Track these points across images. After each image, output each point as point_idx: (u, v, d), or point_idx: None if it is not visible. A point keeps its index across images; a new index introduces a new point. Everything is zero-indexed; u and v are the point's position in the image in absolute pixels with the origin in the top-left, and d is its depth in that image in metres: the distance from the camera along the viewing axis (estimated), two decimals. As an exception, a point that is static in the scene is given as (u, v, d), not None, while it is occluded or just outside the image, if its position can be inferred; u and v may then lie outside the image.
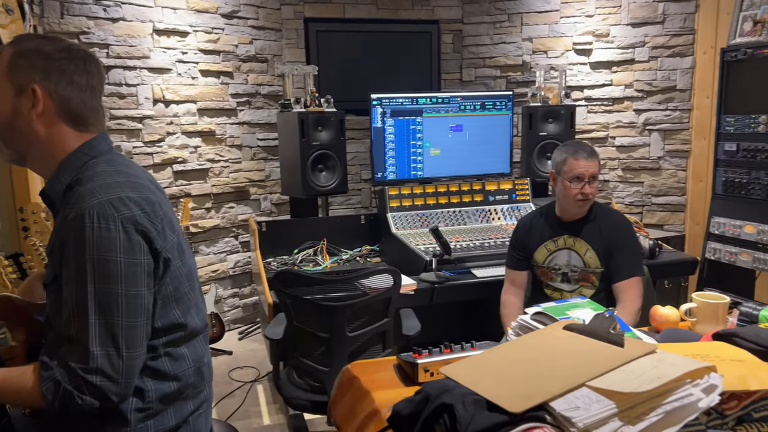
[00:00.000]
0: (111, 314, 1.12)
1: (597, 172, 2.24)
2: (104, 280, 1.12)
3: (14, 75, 1.20)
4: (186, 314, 1.27)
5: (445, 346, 1.31)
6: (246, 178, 4.17)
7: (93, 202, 1.13)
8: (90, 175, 1.20)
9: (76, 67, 1.24)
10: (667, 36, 4.15)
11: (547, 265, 2.36)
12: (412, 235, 3.12)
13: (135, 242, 1.15)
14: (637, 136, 4.30)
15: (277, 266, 3.23)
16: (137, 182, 1.23)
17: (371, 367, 1.36)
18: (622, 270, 2.21)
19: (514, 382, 0.95)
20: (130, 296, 1.14)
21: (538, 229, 2.39)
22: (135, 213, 1.17)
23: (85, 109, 1.26)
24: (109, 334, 1.11)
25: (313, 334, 2.12)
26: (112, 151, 1.30)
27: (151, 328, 1.20)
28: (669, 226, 4.30)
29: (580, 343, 1.06)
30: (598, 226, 2.28)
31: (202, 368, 1.33)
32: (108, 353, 1.11)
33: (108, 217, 1.13)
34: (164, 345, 1.24)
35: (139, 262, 1.16)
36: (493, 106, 3.61)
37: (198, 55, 3.84)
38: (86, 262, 1.11)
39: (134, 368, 1.16)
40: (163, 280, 1.22)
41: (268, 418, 2.96)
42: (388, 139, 3.49)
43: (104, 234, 1.12)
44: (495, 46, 4.54)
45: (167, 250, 1.22)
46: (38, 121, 1.21)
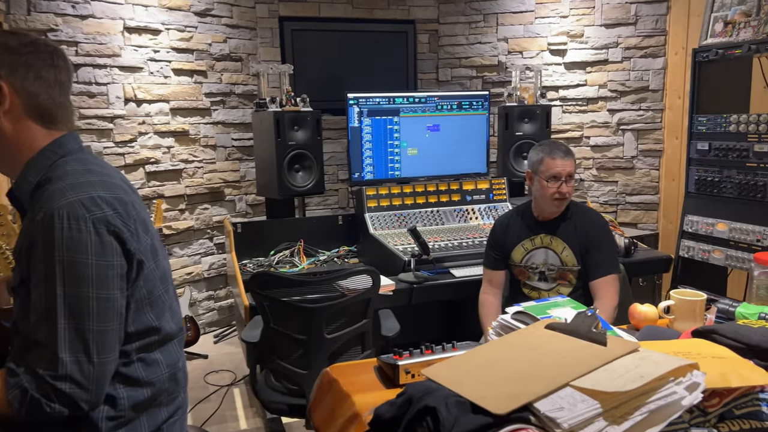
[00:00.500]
0: (81, 318, 1.08)
1: (573, 171, 2.26)
2: (74, 282, 1.08)
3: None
4: (160, 318, 1.23)
5: (426, 347, 1.30)
6: (221, 179, 4.10)
7: (63, 202, 1.09)
8: (60, 174, 1.15)
9: (44, 62, 1.19)
10: (639, 37, 4.21)
11: (524, 264, 2.35)
12: (390, 236, 3.10)
13: (107, 243, 1.11)
14: (611, 136, 4.35)
15: (253, 268, 3.18)
16: (109, 181, 1.19)
17: (351, 369, 1.33)
18: (599, 268, 2.22)
19: (497, 383, 0.93)
20: (102, 299, 1.10)
21: (515, 228, 2.39)
22: (107, 213, 1.13)
23: (53, 105, 1.21)
24: (80, 339, 1.07)
25: (290, 337, 2.09)
26: (82, 149, 1.26)
27: (123, 332, 1.16)
28: (643, 224, 4.36)
29: (563, 343, 1.05)
30: (574, 225, 2.28)
31: (177, 374, 1.29)
32: (78, 359, 1.07)
33: (79, 217, 1.09)
34: (137, 350, 1.20)
35: (111, 265, 1.12)
36: (469, 105, 3.61)
37: (171, 54, 3.77)
38: (56, 264, 1.07)
39: (105, 375, 1.11)
40: (137, 283, 1.18)
41: (245, 422, 2.91)
42: (365, 138, 3.47)
43: (75, 235, 1.08)
44: (471, 46, 4.55)
45: (140, 252, 1.18)
46: (4, 119, 1.16)
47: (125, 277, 1.15)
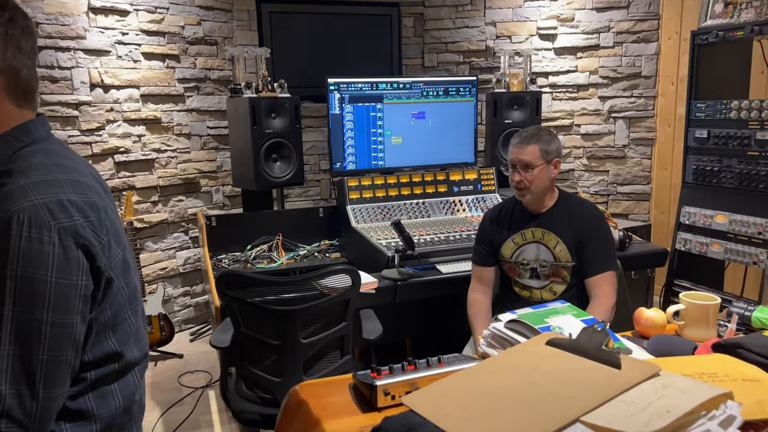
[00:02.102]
0: (29, 345, 0.90)
1: (530, 161, 2.04)
2: (27, 302, 0.89)
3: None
4: (123, 344, 1.05)
5: (408, 362, 1.13)
6: (196, 169, 3.90)
7: (24, 205, 0.90)
8: (22, 168, 0.95)
9: (22, 30, 0.99)
10: (631, 21, 4.06)
11: (515, 260, 2.18)
12: (373, 229, 2.94)
13: (72, 259, 0.92)
14: (602, 124, 4.21)
15: (228, 263, 3.00)
16: (81, 180, 1.00)
17: (323, 388, 1.17)
18: (595, 264, 2.06)
19: (492, 417, 0.78)
20: (57, 325, 0.92)
21: (505, 221, 2.23)
22: (76, 222, 0.94)
23: (31, 79, 1.02)
24: (24, 370, 0.89)
25: (262, 342, 1.92)
26: (50, 137, 1.05)
27: (78, 362, 0.98)
28: (634, 215, 4.24)
29: (569, 364, 0.89)
30: (568, 218, 2.11)
31: (132, 407, 1.10)
32: (19, 393, 0.89)
33: (42, 225, 0.90)
34: (91, 381, 1.01)
35: (73, 284, 0.93)
36: (456, 92, 3.44)
37: (140, 37, 3.55)
38: (6, 279, 0.88)
39: (51, 411, 0.93)
40: (102, 305, 1.00)
41: (219, 427, 2.75)
42: (346, 126, 3.29)
43: (35, 246, 0.89)
44: (458, 31, 4.37)
45: (110, 269, 1.00)
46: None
47: (88, 300, 0.97)
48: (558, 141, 2.13)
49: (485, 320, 2.20)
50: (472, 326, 2.23)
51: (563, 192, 2.20)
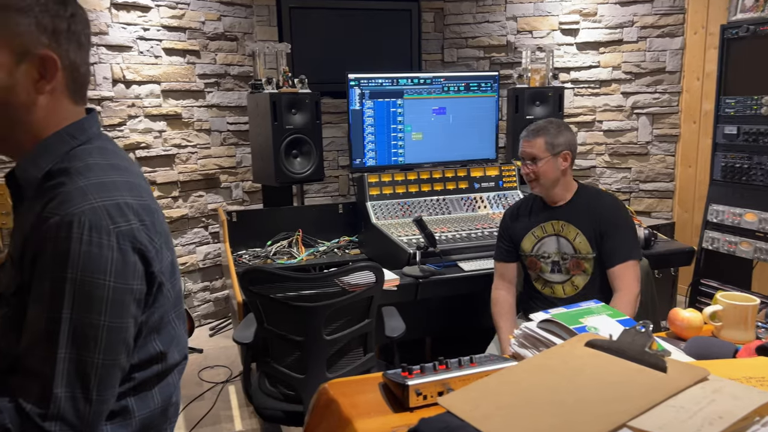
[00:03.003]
0: (86, 349, 0.89)
1: (536, 153, 2.08)
2: (85, 306, 0.88)
3: (11, 37, 0.91)
4: (167, 346, 1.04)
5: (439, 362, 1.12)
6: (216, 165, 3.91)
7: (85, 207, 0.89)
8: (80, 168, 0.94)
9: (83, 25, 0.97)
10: (656, 15, 3.99)
11: (535, 254, 2.16)
12: (393, 226, 2.92)
13: (130, 264, 0.92)
14: (625, 120, 4.15)
15: (249, 259, 3.01)
16: (135, 182, 0.99)
17: (352, 386, 1.15)
18: (616, 254, 2.02)
19: (533, 420, 0.76)
20: (113, 329, 0.91)
21: (525, 215, 2.22)
22: (133, 226, 0.93)
23: (87, 74, 1.01)
24: (80, 374, 0.88)
25: (286, 338, 1.91)
26: (101, 134, 1.03)
27: (128, 365, 0.98)
28: (657, 213, 4.17)
29: (611, 366, 0.87)
30: (586, 209, 2.09)
31: (169, 408, 1.09)
32: (74, 396, 0.88)
33: (101, 229, 0.89)
34: (135, 383, 1.01)
35: (129, 289, 0.92)
36: (478, 87, 3.41)
37: (161, 32, 3.56)
38: (66, 282, 0.87)
39: (102, 414, 0.93)
40: (152, 309, 0.99)
41: (240, 423, 2.75)
42: (366, 122, 3.27)
43: (94, 250, 0.88)
44: (478, 26, 4.32)
45: (162, 272, 0.99)
46: (45, 97, 0.94)
47: (141, 303, 0.96)
48: (568, 134, 2.12)
49: (510, 318, 2.18)
50: (496, 325, 2.20)
51: (582, 184, 2.18)
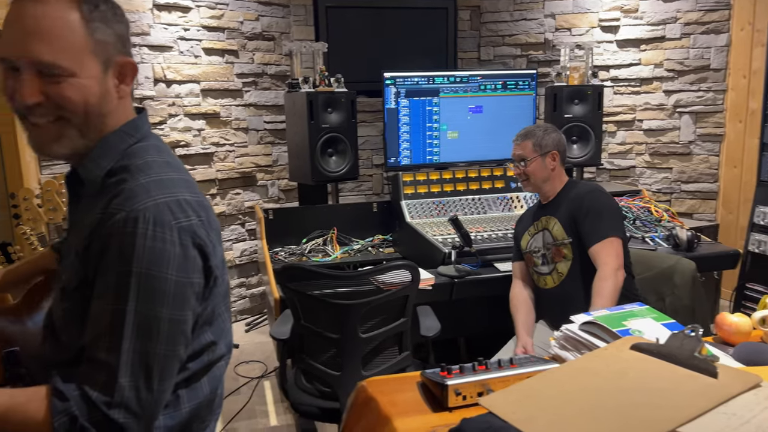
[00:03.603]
0: (149, 340, 0.92)
1: (523, 154, 2.23)
2: (149, 299, 0.92)
3: (98, 47, 0.95)
4: (217, 338, 1.08)
5: (478, 363, 1.11)
6: (252, 163, 3.96)
7: (149, 203, 0.92)
8: (140, 165, 0.98)
9: (127, 27, 1.02)
10: (700, 11, 3.87)
11: (529, 250, 2.30)
12: (428, 225, 2.91)
13: (190, 258, 0.95)
14: (667, 119, 4.05)
15: (284, 256, 3.04)
16: (189, 180, 1.03)
17: (390, 385, 1.16)
18: (593, 234, 2.09)
19: (579, 424, 0.74)
20: (174, 321, 0.95)
21: (528, 217, 2.39)
22: (193, 221, 0.96)
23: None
24: (143, 364, 0.92)
25: (322, 335, 1.93)
26: (152, 132, 1.08)
27: (185, 356, 1.01)
28: (699, 214, 4.06)
29: (659, 371, 0.85)
30: (565, 199, 2.23)
31: (215, 400, 1.12)
32: (137, 386, 0.91)
33: (165, 224, 0.92)
34: (187, 374, 1.04)
35: (190, 283, 0.96)
36: (515, 85, 3.37)
37: (201, 32, 3.62)
38: (131, 276, 0.91)
39: (161, 404, 0.96)
40: (207, 302, 1.02)
41: (275, 418, 2.78)
42: (402, 121, 3.27)
43: (158, 245, 0.91)
44: (515, 23, 4.28)
45: (216, 267, 1.02)
46: (121, 101, 1.00)
47: (199, 296, 1.00)
48: (555, 135, 2.25)
49: (527, 310, 2.28)
50: (513, 317, 2.28)
51: (572, 180, 2.31)
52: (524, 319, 2.22)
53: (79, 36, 0.92)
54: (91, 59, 0.94)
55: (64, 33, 0.91)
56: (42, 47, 0.91)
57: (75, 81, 0.93)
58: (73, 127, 0.96)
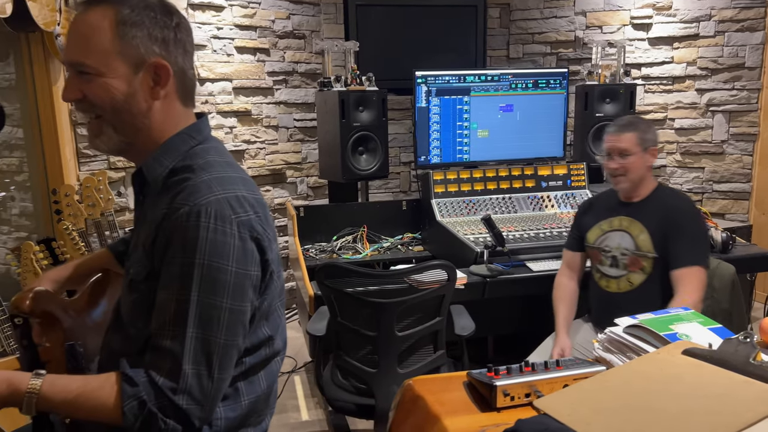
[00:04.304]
0: (210, 329, 0.97)
1: (627, 147, 2.06)
2: (211, 290, 0.97)
3: (128, 49, 1.01)
4: (273, 332, 1.12)
5: (525, 364, 1.13)
6: (282, 160, 4.01)
7: (211, 198, 0.98)
8: (202, 164, 1.04)
9: (187, 34, 1.08)
10: (735, 9, 3.81)
11: (598, 246, 2.18)
12: (458, 224, 2.92)
13: (249, 251, 1.01)
14: (699, 118, 4.00)
15: (315, 253, 3.08)
16: (247, 178, 1.09)
17: (437, 384, 1.18)
18: (681, 257, 1.98)
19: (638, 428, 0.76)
20: (234, 312, 0.99)
21: (598, 208, 2.26)
22: (251, 216, 1.02)
23: (194, 78, 1.11)
24: (204, 352, 0.97)
25: (358, 333, 1.96)
26: (212, 136, 1.14)
27: (244, 347, 1.06)
28: (731, 215, 4.00)
29: (712, 376, 0.86)
30: (658, 209, 2.08)
31: (271, 395, 1.17)
32: (199, 373, 0.96)
33: (225, 218, 0.98)
34: (245, 367, 1.08)
35: (248, 275, 1.01)
36: (546, 84, 3.36)
37: (234, 31, 3.67)
38: (194, 267, 0.96)
39: (221, 392, 1.01)
40: (264, 295, 1.07)
41: (306, 413, 2.83)
42: (432, 119, 3.28)
43: (219, 238, 0.97)
44: (545, 21, 4.25)
45: (273, 261, 1.07)
46: (159, 102, 1.05)
47: (257, 289, 1.04)
48: (654, 130, 2.14)
49: (569, 304, 2.24)
50: (555, 309, 2.24)
51: (661, 184, 2.17)
52: (566, 315, 2.19)
53: (106, 39, 1.00)
54: (118, 60, 1.01)
55: (94, 36, 1.00)
56: (75, 49, 1.01)
57: (102, 80, 1.01)
58: (108, 124, 1.04)
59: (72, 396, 0.96)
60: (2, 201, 3.06)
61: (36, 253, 2.29)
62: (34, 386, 0.95)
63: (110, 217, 2.91)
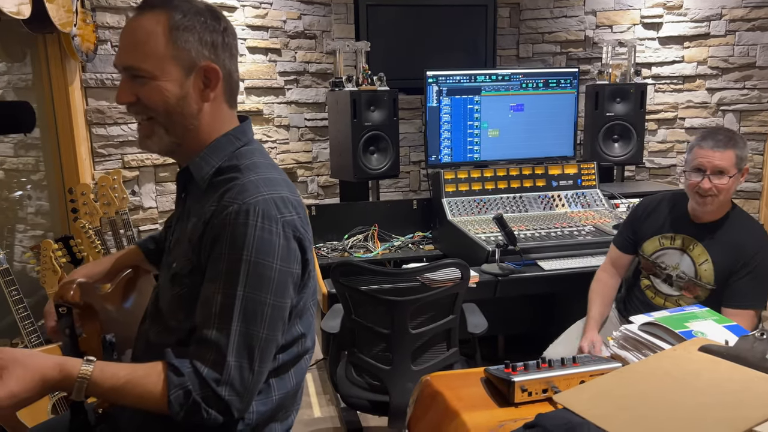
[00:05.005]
0: (254, 324, 1.01)
1: (727, 167, 1.80)
2: (256, 285, 1.01)
3: (181, 53, 1.04)
4: (306, 330, 1.16)
5: (541, 360, 1.15)
6: (293, 160, 4.04)
7: (259, 198, 1.02)
8: (249, 165, 1.09)
9: (233, 36, 1.12)
10: (747, 8, 3.81)
11: (654, 261, 2.04)
12: (469, 223, 2.94)
13: (292, 250, 1.05)
14: (710, 117, 3.99)
15: (327, 252, 3.11)
16: (288, 181, 1.14)
17: (455, 380, 1.20)
18: (738, 297, 1.85)
19: (656, 422, 0.78)
20: (276, 307, 1.03)
21: (660, 216, 2.05)
22: (294, 217, 1.06)
23: (238, 81, 1.15)
24: (246, 345, 1.00)
25: (372, 330, 1.98)
26: (254, 139, 1.18)
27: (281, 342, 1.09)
28: (742, 214, 4.00)
29: (730, 372, 0.87)
30: (729, 239, 1.89)
31: (298, 392, 1.21)
32: (241, 365, 1.00)
33: (272, 218, 1.02)
34: (277, 363, 1.11)
35: (290, 272, 1.05)
36: (557, 84, 3.37)
37: (246, 31, 3.70)
38: (241, 263, 1.00)
39: (258, 385, 1.04)
40: (301, 293, 1.11)
41: (318, 410, 2.85)
42: (443, 119, 3.30)
43: (266, 236, 1.01)
44: (555, 20, 4.26)
45: (311, 260, 1.11)
46: (208, 104, 1.09)
47: (297, 286, 1.08)
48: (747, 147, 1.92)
49: (606, 300, 2.13)
50: (590, 302, 2.13)
51: (735, 206, 1.98)
52: (600, 311, 2.07)
53: (161, 44, 1.03)
54: (172, 64, 1.04)
55: (149, 41, 1.03)
56: (129, 54, 1.05)
57: (155, 84, 1.04)
58: (160, 126, 1.08)
59: (120, 383, 0.98)
60: (19, 200, 3.10)
61: (55, 251, 2.32)
62: (86, 372, 0.98)
63: (125, 216, 2.95)
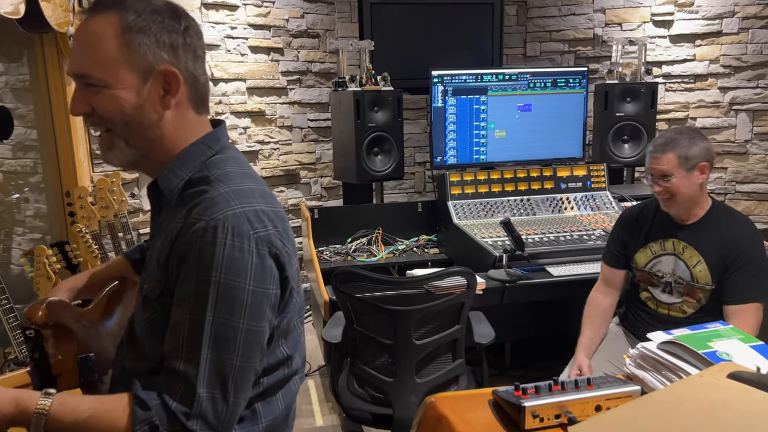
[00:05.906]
0: (226, 351, 0.92)
1: (668, 170, 1.85)
2: (226, 309, 0.92)
3: (135, 57, 0.95)
4: (292, 351, 1.07)
5: (554, 382, 1.07)
6: (296, 161, 3.97)
7: (228, 213, 0.93)
8: (220, 176, 0.99)
9: (198, 38, 1.01)
10: (760, 5, 3.71)
11: (649, 271, 2.01)
12: (475, 226, 2.86)
13: (267, 268, 0.95)
14: (722, 117, 3.90)
15: (329, 256, 3.04)
16: (266, 190, 1.03)
17: (461, 402, 1.13)
18: (738, 292, 1.83)
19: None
20: (251, 332, 0.94)
21: (645, 225, 2.03)
22: (270, 231, 0.96)
23: (206, 84, 1.04)
24: (219, 375, 0.92)
25: (375, 340, 1.91)
26: (230, 144, 1.08)
27: (261, 368, 1.01)
28: (755, 216, 3.90)
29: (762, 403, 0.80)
30: (716, 236, 1.88)
31: (290, 414, 1.12)
32: (213, 397, 0.91)
33: (243, 234, 0.92)
34: (263, 388, 1.03)
35: (266, 293, 0.95)
36: (565, 83, 3.28)
37: (247, 31, 3.63)
38: (210, 285, 0.91)
39: (236, 416, 0.96)
40: (283, 313, 1.02)
41: (320, 418, 2.79)
42: (449, 120, 3.22)
43: (237, 255, 0.91)
44: (563, 19, 4.17)
45: (292, 278, 1.01)
46: (170, 110, 0.99)
47: (275, 307, 0.99)
48: (702, 143, 1.88)
49: (599, 323, 2.08)
50: (582, 326, 2.08)
51: (716, 203, 1.96)
52: (591, 336, 2.03)
53: (112, 48, 0.94)
54: (126, 70, 0.95)
55: (99, 46, 0.94)
56: (80, 60, 0.96)
57: (109, 92, 0.95)
58: (119, 138, 0.99)
59: (82, 417, 0.92)
60: (16, 202, 3.05)
61: (49, 256, 2.26)
62: (43, 406, 0.91)
63: (124, 219, 2.89)
